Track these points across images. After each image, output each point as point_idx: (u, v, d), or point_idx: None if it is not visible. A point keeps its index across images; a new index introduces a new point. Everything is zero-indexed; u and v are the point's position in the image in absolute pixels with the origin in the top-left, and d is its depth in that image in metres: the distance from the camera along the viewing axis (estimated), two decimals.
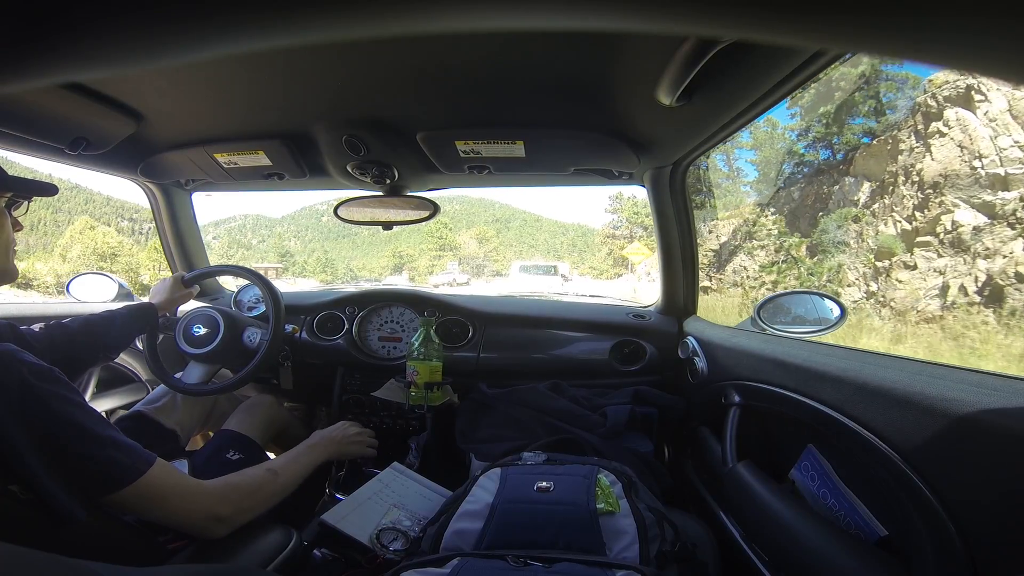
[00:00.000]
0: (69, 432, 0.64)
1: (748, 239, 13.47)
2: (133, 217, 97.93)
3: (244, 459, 1.10)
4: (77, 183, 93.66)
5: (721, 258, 13.82)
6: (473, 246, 61.64)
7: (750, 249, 13.20)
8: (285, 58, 0.74)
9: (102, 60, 0.15)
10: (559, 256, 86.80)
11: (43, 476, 0.61)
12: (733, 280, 13.13)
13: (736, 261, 13.39)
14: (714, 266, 13.79)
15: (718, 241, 14.41)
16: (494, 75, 0.79)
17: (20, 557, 0.37)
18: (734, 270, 13.25)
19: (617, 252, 34.99)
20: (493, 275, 52.98)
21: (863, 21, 0.13)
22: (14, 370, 0.63)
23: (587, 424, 1.11)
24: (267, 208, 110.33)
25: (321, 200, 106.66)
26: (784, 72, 0.66)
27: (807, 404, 0.76)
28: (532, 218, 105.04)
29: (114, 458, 0.66)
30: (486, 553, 0.67)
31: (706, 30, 0.14)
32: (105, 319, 1.06)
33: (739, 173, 17.65)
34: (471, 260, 59.19)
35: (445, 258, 57.49)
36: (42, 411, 0.63)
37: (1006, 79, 0.14)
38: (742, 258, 13.27)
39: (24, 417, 0.61)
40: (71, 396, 0.67)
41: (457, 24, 0.15)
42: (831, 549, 0.67)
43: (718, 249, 14.11)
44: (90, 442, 0.65)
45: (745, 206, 15.82)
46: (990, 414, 0.49)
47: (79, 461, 0.64)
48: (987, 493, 0.49)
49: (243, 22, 0.14)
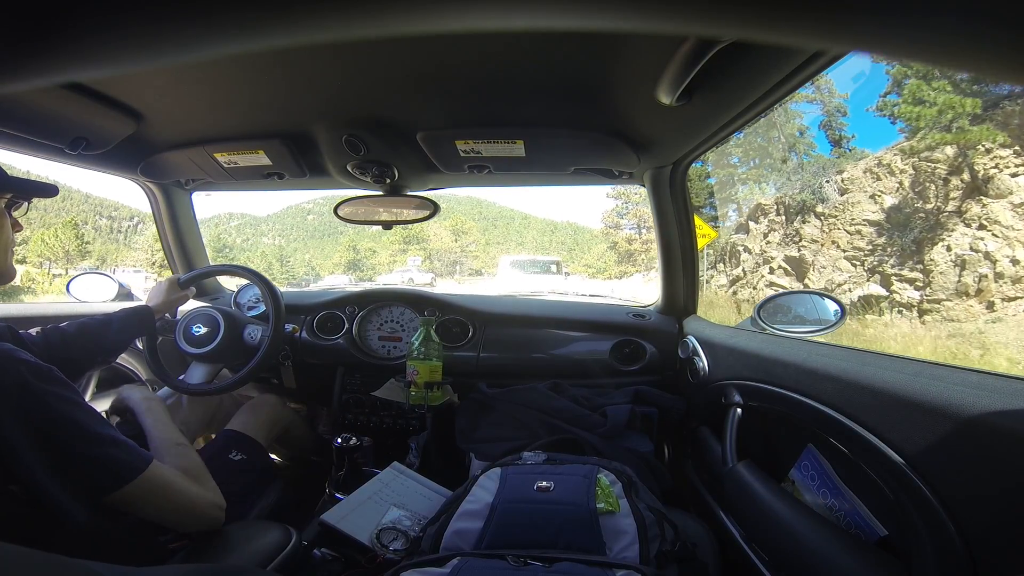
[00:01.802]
0: (70, 431, 0.64)
1: None
2: (112, 215, 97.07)
3: (247, 459, 1.10)
4: (55, 180, 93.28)
5: None
6: (446, 239, 51.80)
7: None
8: (285, 58, 0.74)
9: (102, 60, 0.15)
10: (548, 255, 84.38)
11: (42, 476, 0.60)
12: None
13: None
14: None
15: None
16: (494, 75, 0.79)
17: (20, 557, 0.37)
18: None
19: (623, 246, 29.42)
20: (472, 273, 45.38)
21: (863, 21, 0.13)
22: (13, 369, 0.62)
23: (587, 424, 1.11)
24: (251, 206, 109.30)
25: (308, 199, 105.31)
26: (784, 72, 0.66)
27: (807, 404, 0.76)
28: (520, 216, 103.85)
29: (115, 456, 0.66)
30: (486, 553, 0.67)
31: (706, 30, 0.14)
32: (102, 323, 1.06)
33: None
34: (444, 255, 50.48)
35: (411, 253, 50.17)
36: (42, 410, 0.63)
37: (1006, 79, 0.14)
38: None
39: (24, 416, 0.61)
40: (70, 395, 0.66)
41: (457, 24, 0.15)
42: (831, 549, 0.67)
43: None
44: (91, 441, 0.65)
45: None
46: (990, 414, 0.49)
47: (81, 460, 0.64)
48: (987, 493, 0.49)
49: (243, 22, 0.14)
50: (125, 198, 21.17)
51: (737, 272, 13.87)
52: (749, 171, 17.86)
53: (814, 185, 12.80)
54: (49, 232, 36.90)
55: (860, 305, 10.25)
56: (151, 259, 42.52)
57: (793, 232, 12.70)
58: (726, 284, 14.25)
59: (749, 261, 13.75)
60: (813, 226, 12.37)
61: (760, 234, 13.91)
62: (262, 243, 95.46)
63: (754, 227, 14.25)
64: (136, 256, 46.98)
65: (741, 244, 14.32)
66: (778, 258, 12.63)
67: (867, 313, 9.97)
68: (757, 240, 13.92)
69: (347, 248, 54.79)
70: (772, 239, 13.41)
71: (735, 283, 13.78)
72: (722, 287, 14.27)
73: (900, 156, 11.34)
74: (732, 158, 18.32)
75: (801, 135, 16.53)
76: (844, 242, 11.62)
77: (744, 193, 17.70)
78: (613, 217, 29.80)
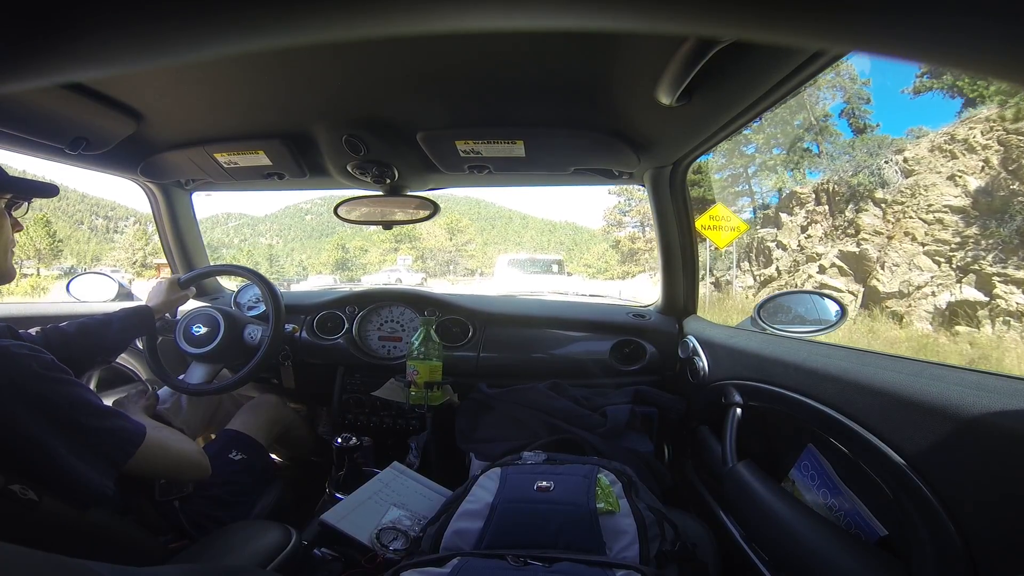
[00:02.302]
0: (84, 410, 0.70)
1: None
2: (108, 215, 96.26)
3: (247, 459, 1.10)
4: (52, 179, 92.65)
5: None
6: (441, 237, 49.32)
7: None
8: (285, 58, 0.74)
9: (102, 60, 0.15)
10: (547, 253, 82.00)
11: (68, 459, 0.66)
12: None
13: None
14: None
15: None
16: (494, 75, 0.79)
17: (20, 557, 0.37)
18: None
19: (626, 244, 27.85)
20: (467, 274, 42.31)
21: (863, 21, 0.13)
22: (23, 363, 0.66)
23: (587, 424, 1.11)
24: (249, 207, 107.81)
25: (306, 199, 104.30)
26: (784, 72, 0.66)
27: (807, 404, 0.76)
28: (518, 216, 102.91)
29: (122, 425, 0.74)
30: (486, 553, 0.67)
31: (706, 30, 0.14)
32: (101, 323, 1.06)
33: None
34: (438, 254, 47.78)
35: (402, 251, 47.39)
36: (57, 395, 0.68)
37: (1005, 79, 0.14)
38: None
39: (43, 405, 0.66)
40: (74, 379, 0.72)
41: (457, 24, 0.15)
42: (831, 549, 0.67)
43: None
44: (99, 415, 0.72)
45: None
46: (990, 414, 0.49)
47: (96, 434, 0.70)
48: (987, 493, 0.49)
49: (243, 22, 0.14)
50: (122, 197, 21.05)
51: (769, 272, 12.34)
52: (773, 158, 16.58)
53: (871, 167, 11.01)
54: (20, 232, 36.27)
55: (948, 315, 8.19)
56: (131, 258, 41.89)
57: (845, 223, 10.98)
58: (755, 285, 12.70)
59: (785, 259, 12.07)
60: (873, 215, 10.54)
61: (796, 227, 12.39)
62: (259, 243, 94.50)
63: (787, 220, 12.72)
64: (117, 256, 45.40)
65: (772, 239, 12.81)
66: (829, 254, 10.71)
67: (959, 323, 7.80)
68: (792, 234, 12.40)
69: (335, 247, 51.16)
70: (813, 232, 11.84)
71: (766, 284, 12.23)
72: (750, 288, 12.74)
73: (980, 130, 9.52)
74: (748, 147, 17.29)
75: (825, 119, 15.39)
76: (921, 234, 9.58)
77: (773, 182, 16.03)
78: (615, 215, 28.30)
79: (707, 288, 12.62)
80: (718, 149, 13.13)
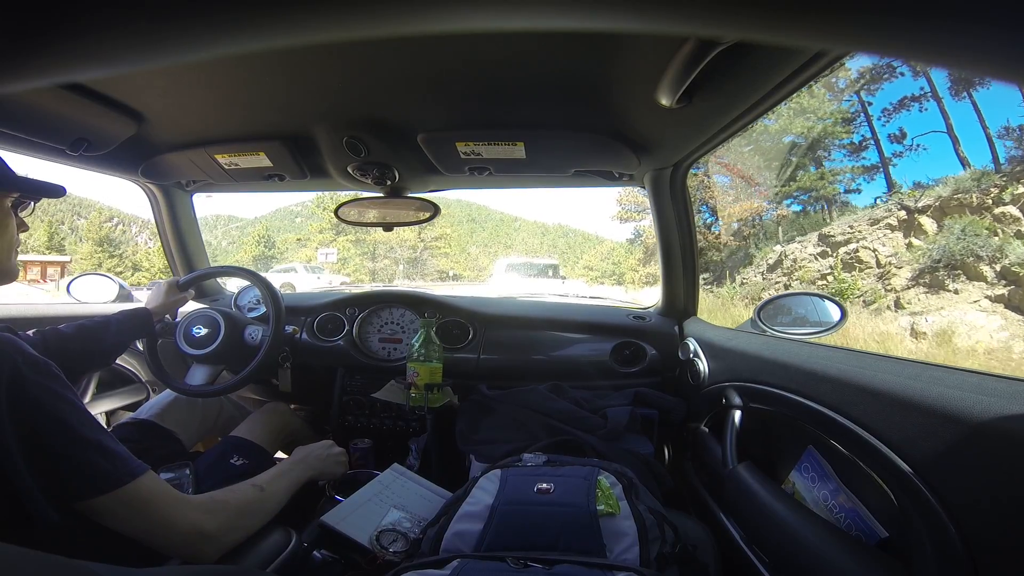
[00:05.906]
0: (53, 428, 0.61)
1: None
2: (90, 216, 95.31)
3: (249, 465, 1.10)
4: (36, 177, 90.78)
5: None
6: (404, 230, 21.92)
7: None
8: (286, 59, 0.75)
9: (102, 60, 0.15)
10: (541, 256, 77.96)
11: (24, 472, 0.58)
12: None
13: None
14: None
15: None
16: (495, 76, 0.79)
17: (20, 557, 0.37)
18: None
19: (652, 237, 20.25)
20: (441, 277, 33.24)
21: (863, 21, 0.13)
22: (8, 358, 0.61)
23: (587, 426, 1.11)
24: (240, 209, 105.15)
25: (296, 201, 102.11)
26: (785, 73, 0.66)
27: (807, 406, 0.76)
28: (509, 218, 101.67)
29: (94, 463, 0.62)
30: (486, 555, 0.66)
31: (707, 30, 0.14)
32: (100, 325, 1.05)
33: None
34: (400, 250, 33.63)
35: (338, 244, 31.83)
36: (30, 403, 0.60)
37: (1005, 79, 0.14)
38: None
39: (12, 407, 0.59)
40: (63, 393, 0.64)
41: (458, 24, 0.15)
42: (832, 551, 0.67)
43: None
44: (73, 443, 0.62)
45: None
46: (990, 416, 0.49)
47: (56, 460, 0.61)
48: (988, 495, 0.49)
49: (243, 22, 0.14)
50: (108, 198, 18.55)
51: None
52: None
53: None
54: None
55: None
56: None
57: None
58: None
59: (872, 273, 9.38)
60: None
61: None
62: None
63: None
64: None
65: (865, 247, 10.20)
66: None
67: None
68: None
69: (255, 242, 36.71)
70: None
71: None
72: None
73: None
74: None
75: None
76: None
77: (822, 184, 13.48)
78: (635, 195, 19.46)
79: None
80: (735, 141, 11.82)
